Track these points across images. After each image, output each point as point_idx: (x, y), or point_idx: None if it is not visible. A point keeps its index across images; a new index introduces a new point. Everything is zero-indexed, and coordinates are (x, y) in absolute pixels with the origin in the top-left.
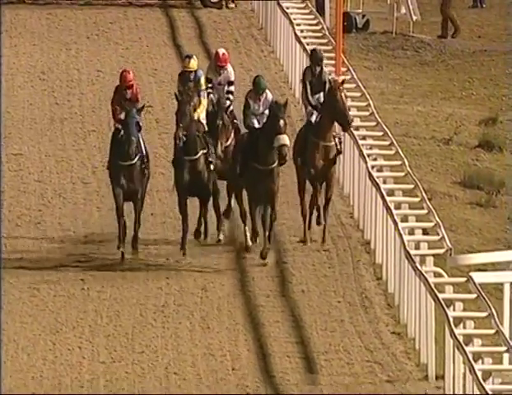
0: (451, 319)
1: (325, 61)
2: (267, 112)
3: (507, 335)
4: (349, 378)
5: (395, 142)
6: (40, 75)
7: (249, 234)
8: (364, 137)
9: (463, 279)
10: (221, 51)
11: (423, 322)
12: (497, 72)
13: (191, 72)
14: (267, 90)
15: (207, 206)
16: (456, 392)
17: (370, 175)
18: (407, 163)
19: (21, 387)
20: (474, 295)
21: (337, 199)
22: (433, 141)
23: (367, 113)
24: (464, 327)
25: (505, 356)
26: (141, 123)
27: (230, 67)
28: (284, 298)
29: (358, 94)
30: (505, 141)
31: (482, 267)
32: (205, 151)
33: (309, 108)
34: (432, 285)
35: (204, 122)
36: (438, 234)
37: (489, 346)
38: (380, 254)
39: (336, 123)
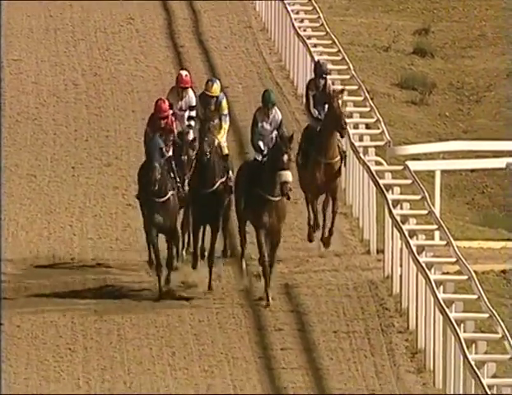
0: (390, 201)
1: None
2: (274, 134)
3: (438, 215)
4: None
5: (342, 50)
6: None
7: (244, 266)
8: (315, 45)
9: (400, 167)
10: (184, 72)
11: (366, 203)
12: None
13: (213, 97)
14: (276, 108)
15: (216, 235)
16: (393, 264)
17: None
18: (351, 67)
19: (20, 261)
20: (410, 181)
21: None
22: (374, 48)
23: (317, 25)
24: (401, 208)
25: (436, 234)
26: (164, 150)
27: (191, 92)
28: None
29: (310, 8)
30: (435, 49)
31: (417, 157)
32: (223, 180)
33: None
34: (374, 172)
35: (225, 145)
36: (379, 129)
37: (422, 225)
38: None
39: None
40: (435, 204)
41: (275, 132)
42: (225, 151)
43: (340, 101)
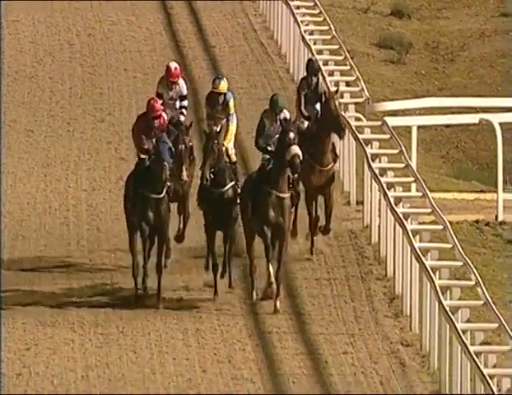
0: (369, 155)
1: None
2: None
3: (414, 168)
4: None
5: (323, 11)
6: None
7: (255, 293)
8: (298, 7)
9: (379, 122)
10: (173, 65)
11: (346, 157)
12: None
13: (220, 94)
14: (285, 111)
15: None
16: (372, 215)
17: (303, 39)
18: (333, 28)
19: (18, 211)
20: (388, 136)
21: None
22: (354, 10)
23: None
24: (380, 162)
25: (413, 186)
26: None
27: (181, 81)
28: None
29: None
30: (412, 10)
31: (394, 113)
32: (233, 184)
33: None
34: (354, 128)
35: (233, 152)
36: (358, 86)
37: (400, 177)
38: None
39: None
40: (412, 158)
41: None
42: (234, 158)
43: (336, 102)
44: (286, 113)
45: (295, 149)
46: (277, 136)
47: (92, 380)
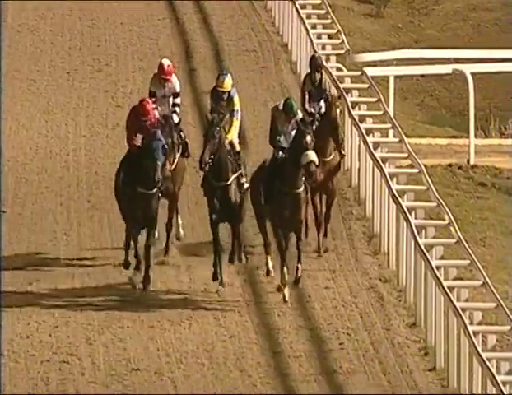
0: (349, 103)
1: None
2: (293, 131)
3: (391, 115)
4: None
5: None
6: None
7: (270, 264)
8: None
9: (358, 73)
10: (166, 62)
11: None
12: None
13: (224, 92)
14: (299, 113)
15: (238, 231)
16: (352, 158)
17: None
18: None
19: (21, 155)
20: (367, 85)
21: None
22: None
23: None
24: (359, 109)
25: (390, 132)
26: (166, 147)
27: (174, 78)
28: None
29: None
30: None
31: (373, 64)
32: (236, 175)
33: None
34: (335, 77)
35: (237, 142)
36: (339, 39)
37: (378, 123)
38: (295, 53)
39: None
40: (389, 105)
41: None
42: (237, 148)
43: (338, 110)
44: (299, 115)
45: (312, 155)
46: (292, 132)
47: (90, 314)
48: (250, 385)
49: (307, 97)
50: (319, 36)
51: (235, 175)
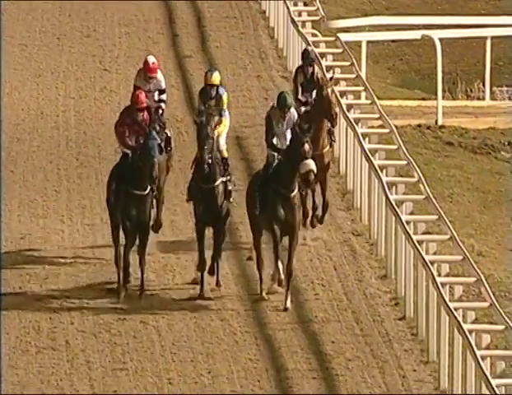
0: (324, 67)
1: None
2: (288, 132)
3: (364, 78)
4: None
5: None
6: None
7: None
8: None
9: (333, 38)
10: (151, 60)
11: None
12: None
13: (212, 86)
14: (293, 108)
15: (221, 235)
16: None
17: None
18: None
19: (14, 116)
20: (341, 50)
21: None
22: None
23: None
24: (333, 73)
25: (363, 94)
26: (162, 145)
27: (160, 75)
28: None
29: None
30: None
31: (346, 30)
32: (224, 179)
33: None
34: (310, 42)
35: (224, 148)
36: (314, 6)
37: (351, 86)
38: (272, 19)
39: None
40: (362, 69)
41: (289, 130)
42: (225, 154)
43: (329, 90)
44: (293, 112)
45: (310, 164)
46: (287, 133)
47: (80, 266)
48: (231, 333)
49: (300, 89)
50: (296, 3)
51: (222, 179)
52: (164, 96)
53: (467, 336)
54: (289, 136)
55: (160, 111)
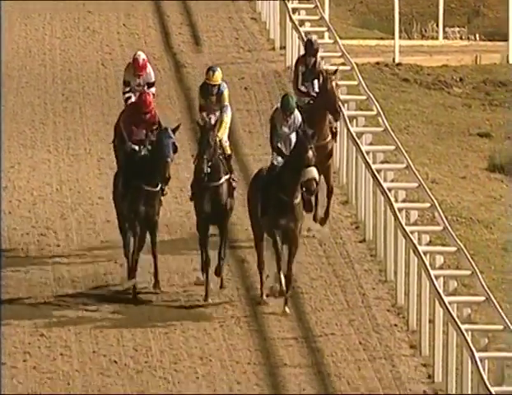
0: (290, 9)
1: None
2: (293, 136)
3: (327, 19)
4: None
5: None
6: None
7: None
8: None
9: None
10: (141, 57)
11: (272, 11)
12: None
13: (214, 85)
14: (296, 111)
15: (225, 234)
16: (293, 56)
17: None
18: None
19: (4, 55)
20: None
21: None
22: None
23: None
24: (299, 14)
25: (326, 34)
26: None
27: (149, 68)
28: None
29: None
30: None
31: None
32: (227, 177)
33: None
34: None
35: (227, 145)
36: None
37: (315, 27)
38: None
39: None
40: (325, 11)
41: (294, 134)
42: (228, 151)
43: (334, 83)
44: (297, 115)
45: (313, 172)
46: (292, 137)
47: (65, 193)
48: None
49: (300, 78)
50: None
51: (226, 176)
52: (153, 89)
53: (422, 257)
54: (294, 140)
55: None
